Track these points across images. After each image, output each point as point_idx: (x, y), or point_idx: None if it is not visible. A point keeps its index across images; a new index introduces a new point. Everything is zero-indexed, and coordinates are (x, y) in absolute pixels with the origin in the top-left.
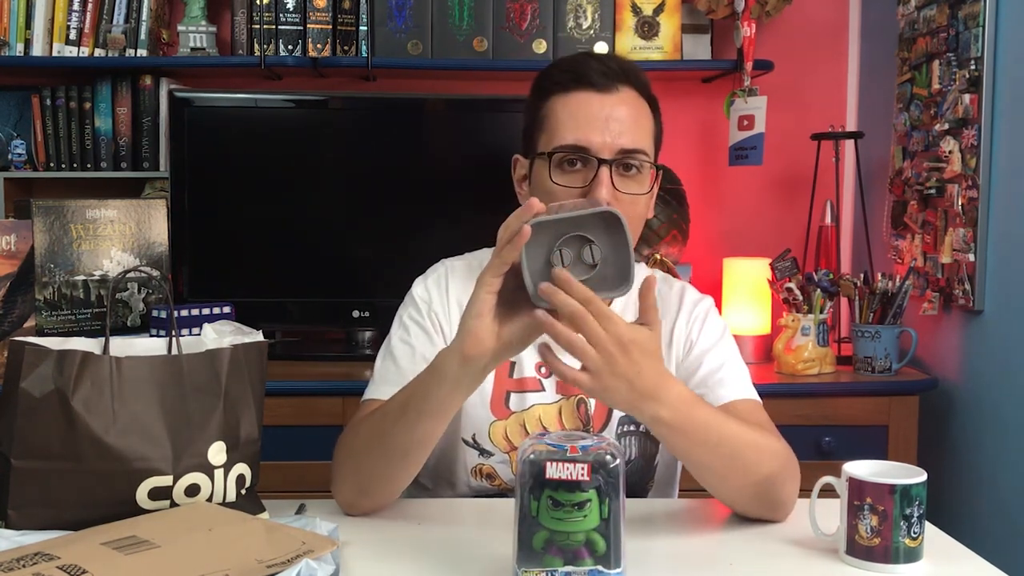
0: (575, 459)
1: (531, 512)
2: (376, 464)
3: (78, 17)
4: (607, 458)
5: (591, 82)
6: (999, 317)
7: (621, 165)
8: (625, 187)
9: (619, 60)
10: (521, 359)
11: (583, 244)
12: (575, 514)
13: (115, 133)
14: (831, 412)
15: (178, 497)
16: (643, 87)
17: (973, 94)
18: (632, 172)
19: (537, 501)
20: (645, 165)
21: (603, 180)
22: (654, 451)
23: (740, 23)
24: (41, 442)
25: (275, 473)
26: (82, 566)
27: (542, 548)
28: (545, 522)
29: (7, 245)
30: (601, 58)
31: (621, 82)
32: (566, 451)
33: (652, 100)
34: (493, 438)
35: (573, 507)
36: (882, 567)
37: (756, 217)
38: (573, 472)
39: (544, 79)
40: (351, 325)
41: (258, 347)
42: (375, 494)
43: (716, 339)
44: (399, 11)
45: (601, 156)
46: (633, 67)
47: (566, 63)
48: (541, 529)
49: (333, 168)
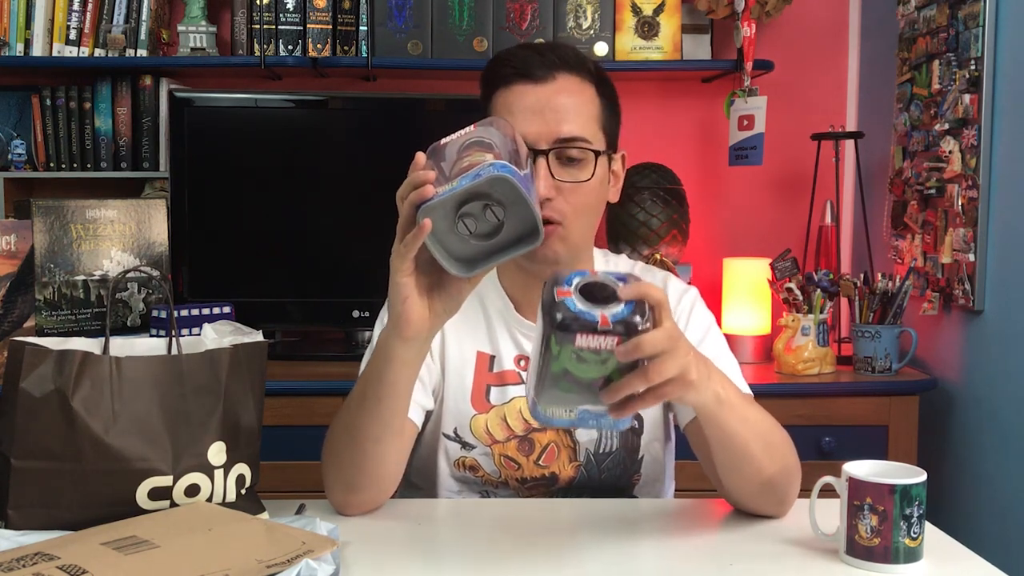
0: (606, 332)
1: (552, 350)
2: (353, 457)
3: (78, 17)
4: (636, 319)
5: (528, 74)
6: (999, 317)
7: (560, 154)
8: (566, 175)
9: (558, 49)
10: (500, 354)
11: (483, 206)
12: (598, 366)
13: (115, 133)
14: (831, 412)
15: (178, 497)
16: (587, 72)
17: (973, 94)
18: (573, 160)
19: (560, 347)
20: (587, 152)
21: (539, 172)
22: (637, 443)
23: (740, 23)
24: (41, 442)
25: (275, 473)
26: (82, 566)
27: (559, 376)
28: (566, 363)
29: (7, 245)
30: (539, 49)
31: (558, 70)
32: (597, 321)
33: (601, 85)
34: (475, 431)
35: (598, 361)
36: (882, 567)
37: (756, 217)
38: (603, 343)
39: (488, 74)
40: (351, 325)
41: (258, 347)
42: (362, 489)
43: (703, 333)
44: (399, 11)
45: (537, 147)
46: (573, 52)
47: (505, 56)
48: (559, 363)
49: (333, 168)
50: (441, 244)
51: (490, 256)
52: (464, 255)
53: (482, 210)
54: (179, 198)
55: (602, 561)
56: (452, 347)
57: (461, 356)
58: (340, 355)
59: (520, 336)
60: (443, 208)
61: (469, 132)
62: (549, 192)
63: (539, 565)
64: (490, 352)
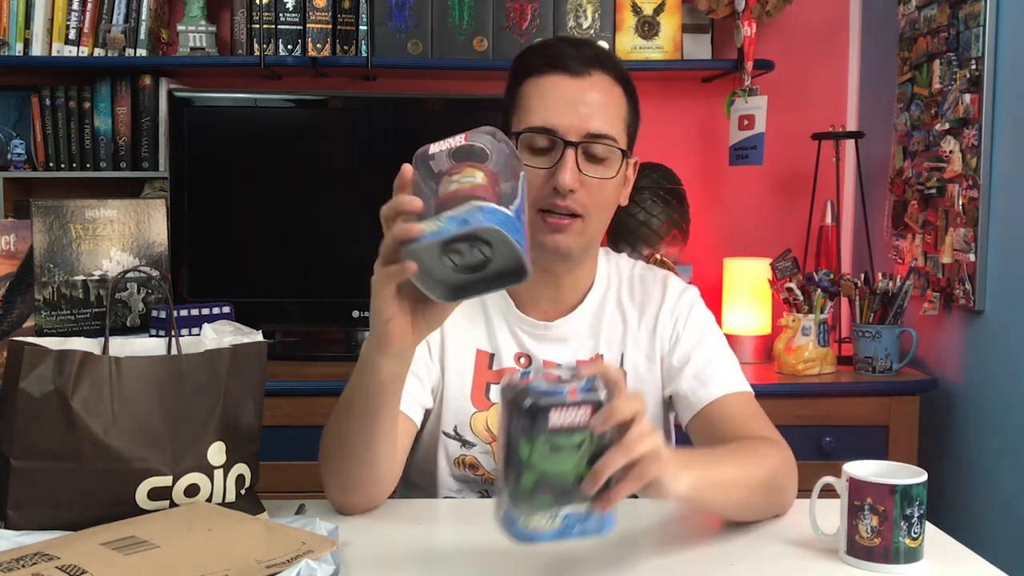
0: (578, 403)
1: (521, 457)
2: (346, 463)
3: (78, 17)
4: (602, 396)
5: (564, 66)
6: (999, 317)
7: (588, 148)
8: (591, 171)
9: (594, 45)
10: (500, 352)
11: (471, 245)
12: (572, 455)
13: (115, 133)
14: (831, 412)
15: (178, 497)
16: (618, 74)
17: (974, 94)
18: (599, 156)
19: (531, 445)
20: (614, 150)
21: (567, 163)
22: None
23: (740, 23)
24: (41, 442)
25: (275, 473)
26: (82, 566)
27: (532, 488)
28: (539, 464)
29: (6, 245)
30: (576, 43)
31: (594, 67)
32: (565, 396)
33: (628, 88)
34: (474, 429)
35: (572, 448)
36: (882, 567)
37: (756, 217)
38: (576, 417)
39: (521, 61)
40: (351, 325)
41: (258, 347)
42: (358, 491)
43: (703, 333)
44: (399, 11)
45: (568, 138)
46: (608, 53)
47: (541, 46)
48: (531, 470)
49: (333, 168)
50: (426, 273)
51: (476, 287)
52: (450, 281)
53: (469, 248)
54: (179, 198)
55: (602, 561)
56: (452, 345)
57: (461, 354)
58: (340, 355)
59: (521, 333)
60: (428, 250)
61: (459, 140)
62: (573, 184)
63: (539, 565)
64: (490, 350)
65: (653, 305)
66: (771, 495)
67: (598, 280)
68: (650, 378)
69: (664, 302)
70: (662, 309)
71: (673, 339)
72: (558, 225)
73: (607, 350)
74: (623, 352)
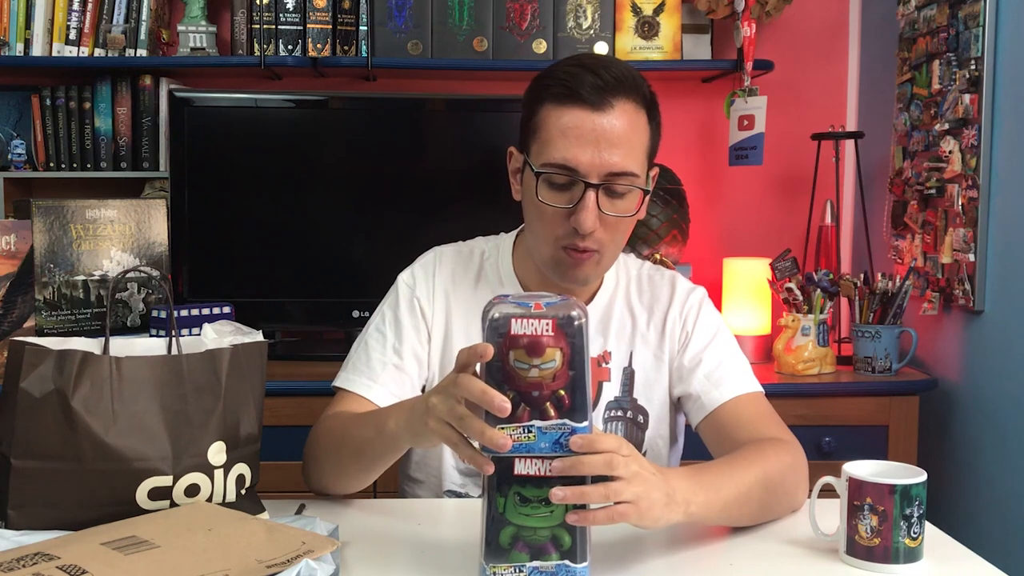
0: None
1: (498, 509)
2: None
3: (78, 17)
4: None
5: (584, 98)
6: (999, 317)
7: (608, 186)
8: (611, 208)
9: (615, 69)
10: None
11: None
12: (541, 510)
13: (115, 133)
14: (831, 412)
15: (178, 497)
16: (641, 96)
17: (973, 94)
18: (619, 192)
19: (504, 498)
20: (633, 188)
21: (588, 205)
22: (641, 438)
23: (740, 23)
24: (41, 442)
25: (275, 473)
26: (82, 566)
27: (509, 544)
28: (512, 518)
29: (7, 245)
30: (597, 70)
31: (616, 95)
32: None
33: (652, 110)
34: None
35: (540, 503)
36: (882, 567)
37: (756, 217)
38: (541, 469)
39: (539, 85)
40: (351, 325)
41: (258, 347)
42: (338, 489)
43: (713, 333)
44: (399, 11)
45: (588, 179)
46: (630, 74)
47: (562, 72)
48: (508, 525)
49: (333, 168)
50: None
51: None
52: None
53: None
54: (179, 198)
55: (603, 561)
56: (459, 341)
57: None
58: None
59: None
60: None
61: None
62: (594, 227)
63: None
64: None
65: (662, 305)
66: (779, 502)
67: (607, 279)
68: (657, 378)
69: (673, 302)
70: (671, 309)
71: (683, 339)
72: (579, 260)
73: (616, 348)
74: (632, 350)
